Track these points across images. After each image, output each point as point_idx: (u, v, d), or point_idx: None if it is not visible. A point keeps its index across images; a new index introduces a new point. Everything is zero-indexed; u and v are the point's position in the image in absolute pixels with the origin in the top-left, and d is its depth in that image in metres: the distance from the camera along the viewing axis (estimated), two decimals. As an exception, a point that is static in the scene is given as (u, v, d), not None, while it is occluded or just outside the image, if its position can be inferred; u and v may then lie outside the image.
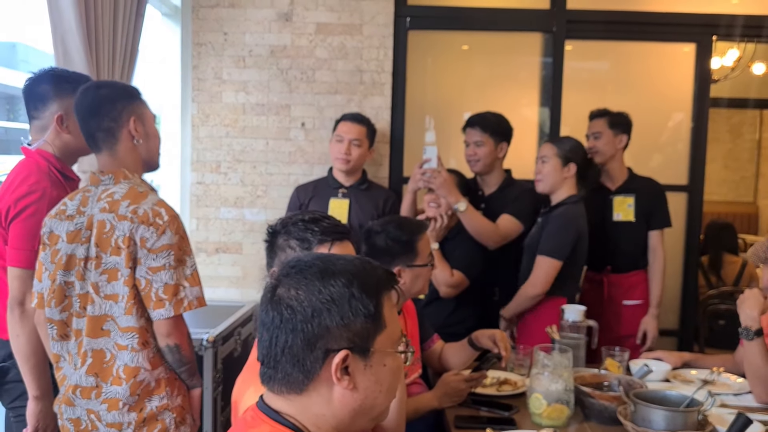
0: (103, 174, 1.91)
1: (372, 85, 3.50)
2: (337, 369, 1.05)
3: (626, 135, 3.15)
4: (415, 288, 2.17)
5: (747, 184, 8.35)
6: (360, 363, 1.08)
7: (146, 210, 1.83)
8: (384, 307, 1.10)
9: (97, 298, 1.85)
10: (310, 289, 1.06)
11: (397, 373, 1.13)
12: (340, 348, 1.05)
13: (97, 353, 1.86)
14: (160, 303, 1.83)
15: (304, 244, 1.60)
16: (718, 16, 3.58)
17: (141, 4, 2.85)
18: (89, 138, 1.94)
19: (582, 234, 2.80)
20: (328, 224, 1.64)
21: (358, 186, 3.16)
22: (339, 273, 1.08)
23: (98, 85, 1.99)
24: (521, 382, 2.33)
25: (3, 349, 2.09)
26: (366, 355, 1.08)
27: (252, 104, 3.52)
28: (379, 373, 1.10)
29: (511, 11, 3.61)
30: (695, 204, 3.71)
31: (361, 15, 3.47)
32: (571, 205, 2.79)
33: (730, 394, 2.26)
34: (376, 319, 1.08)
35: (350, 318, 1.06)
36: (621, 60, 3.80)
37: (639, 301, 3.14)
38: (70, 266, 1.86)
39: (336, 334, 1.05)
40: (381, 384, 1.10)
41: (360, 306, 1.06)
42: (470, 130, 3.05)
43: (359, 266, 1.11)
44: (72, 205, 1.90)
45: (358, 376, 1.08)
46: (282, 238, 1.63)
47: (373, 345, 1.08)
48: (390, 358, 1.11)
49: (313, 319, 1.05)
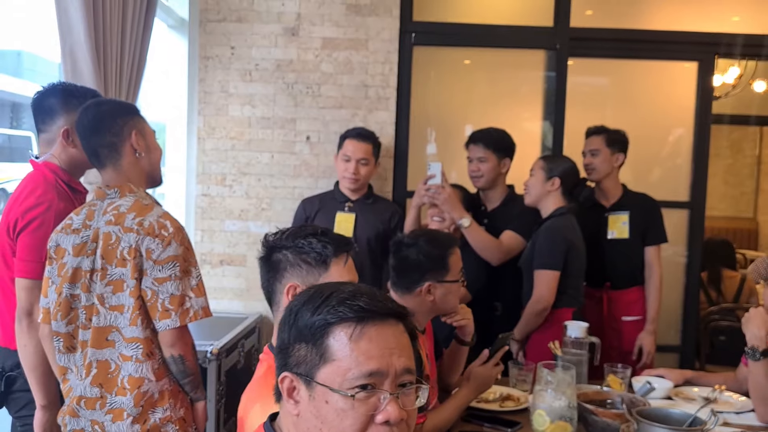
0: (108, 188, 1.94)
1: (377, 99, 3.53)
2: (283, 388, 1.06)
3: (623, 153, 3.16)
4: (446, 305, 2.14)
5: (747, 199, 8.38)
6: (305, 391, 1.04)
7: (152, 222, 1.86)
8: (330, 338, 1.02)
9: (102, 309, 1.87)
10: (287, 311, 1.09)
11: (346, 419, 1.01)
12: (287, 369, 1.06)
13: (102, 364, 1.88)
14: (166, 314, 1.85)
15: (320, 258, 1.60)
16: (719, 35, 3.62)
17: (149, 17, 2.88)
18: (92, 155, 1.97)
19: (573, 244, 2.81)
20: (336, 237, 1.65)
21: (364, 200, 3.18)
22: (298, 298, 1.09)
23: (98, 102, 2.03)
24: (524, 398, 2.34)
25: (10, 359, 2.11)
26: (309, 384, 1.03)
27: (258, 117, 3.54)
28: (320, 408, 1.02)
29: (515, 28, 3.64)
30: (697, 220, 3.72)
31: (366, 30, 3.51)
32: (557, 218, 2.82)
33: (732, 412, 2.27)
34: (319, 350, 1.03)
35: (293, 343, 1.06)
36: (623, 76, 3.83)
37: (638, 317, 3.14)
38: (75, 279, 1.89)
39: (288, 354, 1.06)
40: (322, 421, 1.02)
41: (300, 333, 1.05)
42: (473, 146, 3.07)
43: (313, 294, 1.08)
44: (78, 219, 1.93)
45: (303, 404, 1.04)
46: (292, 254, 1.62)
47: (315, 376, 1.03)
48: (335, 396, 1.01)
49: (280, 338, 1.08)
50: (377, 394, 1.02)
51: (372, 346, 1.02)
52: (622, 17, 3.70)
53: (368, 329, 1.03)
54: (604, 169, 3.14)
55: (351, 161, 3.08)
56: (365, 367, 1.01)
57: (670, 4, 3.73)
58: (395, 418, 1.01)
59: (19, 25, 24.65)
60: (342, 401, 1.00)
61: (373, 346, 1.02)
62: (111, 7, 2.56)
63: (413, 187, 3.28)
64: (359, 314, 1.03)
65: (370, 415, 1.01)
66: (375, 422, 1.02)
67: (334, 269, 1.59)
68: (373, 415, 1.02)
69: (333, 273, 1.59)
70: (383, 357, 1.02)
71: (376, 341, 1.03)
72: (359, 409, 1.01)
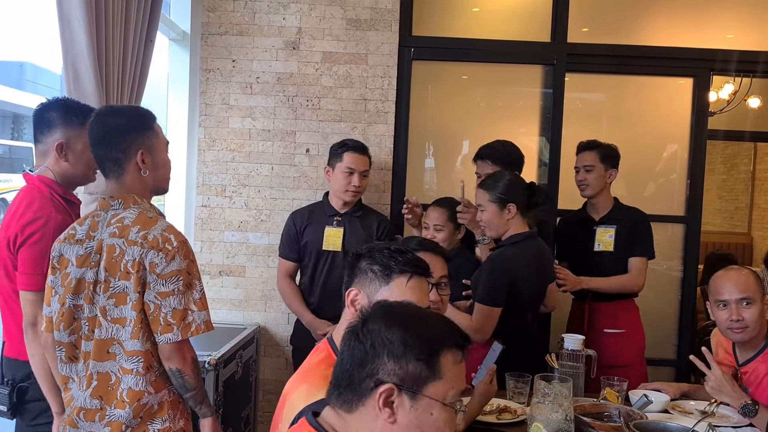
0: (113, 199, 1.94)
1: (376, 113, 3.56)
2: (380, 398, 1.17)
3: (615, 169, 3.16)
4: None
5: (741, 215, 8.43)
6: (407, 402, 1.18)
7: (156, 235, 1.86)
8: (441, 359, 1.19)
9: (104, 321, 1.87)
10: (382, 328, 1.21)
11: (446, 429, 1.18)
12: (388, 381, 1.18)
13: (103, 376, 1.88)
14: (168, 327, 1.85)
15: (385, 271, 1.66)
16: (715, 51, 3.66)
17: (151, 30, 2.91)
18: (99, 163, 1.98)
19: (520, 276, 2.60)
20: (411, 257, 1.69)
21: (352, 213, 3.17)
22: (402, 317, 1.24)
23: (111, 112, 2.01)
24: (521, 410, 2.35)
25: (21, 370, 2.12)
26: (414, 397, 1.18)
27: (258, 130, 3.57)
28: (422, 418, 1.17)
29: (513, 43, 3.68)
30: (692, 235, 3.75)
31: (366, 45, 3.54)
32: (507, 247, 2.64)
33: (729, 426, 2.28)
34: (431, 367, 1.18)
35: (404, 358, 1.18)
36: (620, 92, 3.87)
37: (621, 330, 3.13)
38: (79, 290, 1.89)
39: (389, 368, 1.18)
40: (422, 430, 1.17)
41: (414, 350, 1.18)
42: (480, 162, 3.04)
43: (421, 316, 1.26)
44: (81, 230, 1.93)
45: (401, 413, 1.18)
46: (365, 262, 1.69)
47: (423, 390, 1.18)
48: (439, 409, 1.18)
49: (375, 350, 1.19)
50: (460, 408, 1.22)
51: (462, 371, 1.23)
52: (618, 34, 3.74)
53: (461, 356, 1.23)
54: (597, 185, 3.15)
55: (354, 174, 3.07)
56: (461, 387, 1.22)
57: (666, 21, 3.78)
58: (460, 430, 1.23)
59: (21, 37, 24.72)
60: (446, 412, 1.18)
61: (462, 371, 1.23)
62: (113, 20, 2.58)
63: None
64: (458, 342, 1.23)
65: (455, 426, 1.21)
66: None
67: (396, 286, 1.64)
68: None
69: (394, 289, 1.64)
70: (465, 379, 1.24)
71: (462, 367, 1.24)
72: (453, 419, 1.20)
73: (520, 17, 3.85)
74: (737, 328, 2.28)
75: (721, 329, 2.37)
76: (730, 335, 2.34)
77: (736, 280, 2.31)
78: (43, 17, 16.34)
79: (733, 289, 2.28)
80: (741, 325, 2.27)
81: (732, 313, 2.27)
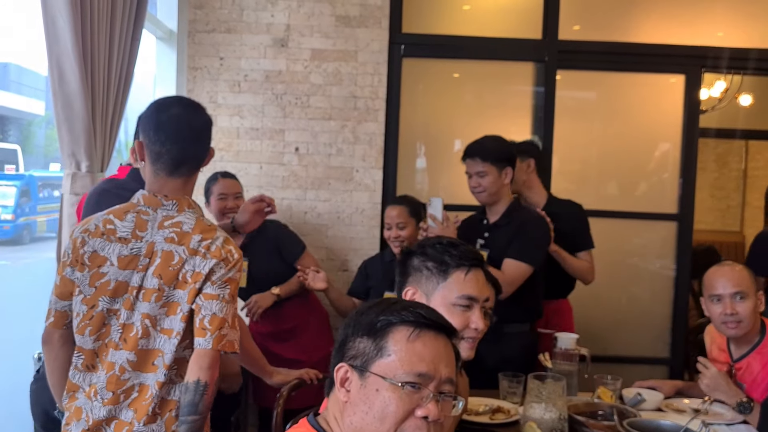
0: (166, 198, 1.78)
1: (366, 111, 3.53)
2: (337, 377, 1.20)
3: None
4: None
5: (733, 213, 8.43)
6: (357, 380, 1.18)
7: (218, 246, 1.75)
8: (389, 336, 1.18)
9: (153, 331, 1.74)
10: (353, 315, 1.25)
11: (390, 405, 1.14)
12: (344, 361, 1.20)
13: (143, 388, 1.74)
14: (201, 332, 1.71)
15: (441, 267, 1.63)
16: (705, 48, 3.66)
17: (137, 28, 2.87)
18: (177, 160, 1.79)
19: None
20: (465, 249, 1.66)
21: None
22: (367, 303, 1.27)
23: (196, 105, 1.89)
24: (514, 410, 2.32)
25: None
26: (362, 374, 1.17)
27: (246, 128, 3.53)
28: (369, 395, 1.16)
29: (504, 41, 3.66)
30: (685, 233, 3.74)
31: (356, 42, 3.51)
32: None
33: (723, 423, 2.26)
34: (377, 344, 1.17)
35: (356, 336, 1.20)
36: (611, 89, 3.86)
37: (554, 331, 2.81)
38: (118, 293, 1.74)
39: (348, 347, 1.21)
40: (369, 406, 1.15)
41: (363, 328, 1.20)
42: (470, 160, 2.82)
43: (380, 301, 1.25)
44: (123, 226, 1.76)
45: (353, 390, 1.18)
46: (418, 259, 1.66)
47: (370, 367, 1.17)
48: (385, 387, 1.15)
49: (342, 333, 1.24)
50: (422, 393, 1.15)
51: (425, 351, 1.16)
52: (609, 31, 3.73)
53: (424, 335, 1.18)
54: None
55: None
56: (416, 368, 1.15)
57: (657, 18, 3.76)
58: (433, 416, 1.14)
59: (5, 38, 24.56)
60: (391, 390, 1.14)
61: (426, 351, 1.16)
62: (99, 18, 2.54)
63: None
64: (419, 320, 1.18)
65: (412, 409, 1.14)
66: (414, 416, 1.14)
67: (454, 281, 1.61)
68: (413, 409, 1.14)
69: (452, 284, 1.61)
70: (433, 362, 1.16)
71: (429, 347, 1.17)
72: (404, 399, 1.14)
73: (510, 14, 3.83)
74: (731, 322, 2.29)
75: (716, 324, 2.38)
76: (724, 330, 2.35)
77: (730, 275, 2.32)
78: (27, 18, 16.23)
79: (727, 283, 2.30)
80: (735, 320, 2.28)
81: (726, 307, 2.29)
